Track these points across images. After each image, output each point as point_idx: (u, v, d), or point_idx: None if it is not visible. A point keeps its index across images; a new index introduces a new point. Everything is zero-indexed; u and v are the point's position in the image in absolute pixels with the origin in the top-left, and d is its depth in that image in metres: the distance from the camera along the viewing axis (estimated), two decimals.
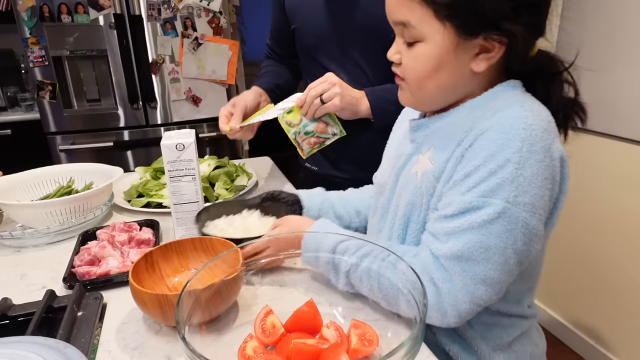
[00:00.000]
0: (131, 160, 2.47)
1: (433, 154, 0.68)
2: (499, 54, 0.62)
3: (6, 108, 2.67)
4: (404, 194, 0.72)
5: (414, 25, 0.62)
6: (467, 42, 0.61)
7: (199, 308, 0.57)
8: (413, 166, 0.72)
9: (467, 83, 0.66)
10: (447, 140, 0.66)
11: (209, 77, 2.42)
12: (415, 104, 0.73)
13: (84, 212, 1.00)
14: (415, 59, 0.65)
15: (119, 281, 0.78)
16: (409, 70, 0.67)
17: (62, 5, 2.16)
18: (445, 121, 0.69)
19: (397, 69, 0.70)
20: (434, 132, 0.71)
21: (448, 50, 0.62)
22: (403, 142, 0.79)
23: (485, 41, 0.61)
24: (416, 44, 0.64)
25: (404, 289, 0.57)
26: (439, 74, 0.64)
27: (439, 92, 0.67)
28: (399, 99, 0.74)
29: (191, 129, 0.96)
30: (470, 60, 0.63)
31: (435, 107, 0.72)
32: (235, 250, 0.66)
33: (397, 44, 0.68)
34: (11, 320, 0.67)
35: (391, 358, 0.43)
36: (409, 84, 0.68)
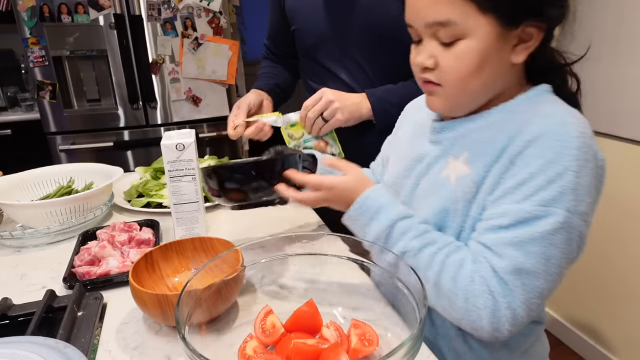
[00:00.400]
0: (131, 160, 2.47)
1: (469, 157, 0.66)
2: (537, 43, 0.61)
3: (6, 108, 2.67)
4: (432, 199, 0.69)
5: (456, 22, 0.60)
6: (508, 33, 0.60)
7: (199, 308, 0.57)
8: (442, 170, 0.69)
9: (506, 77, 0.65)
10: (486, 144, 0.64)
11: (209, 77, 2.42)
12: (451, 109, 0.70)
13: (84, 212, 1.00)
14: (457, 57, 0.62)
15: (119, 281, 0.78)
16: (449, 72, 0.63)
17: (62, 5, 2.16)
18: (478, 123, 0.67)
19: (430, 74, 0.66)
20: (466, 135, 0.68)
21: (492, 44, 0.60)
22: (419, 143, 0.76)
23: (523, 31, 0.60)
24: (456, 42, 0.61)
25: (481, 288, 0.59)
26: (483, 71, 0.62)
27: (482, 90, 0.65)
28: (429, 105, 0.71)
29: (191, 129, 0.96)
30: (510, 52, 0.62)
31: (472, 109, 0.69)
32: (235, 250, 0.66)
33: (428, 48, 0.64)
34: (11, 320, 0.67)
35: (391, 358, 0.43)
36: (447, 87, 0.65)
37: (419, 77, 0.69)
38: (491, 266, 0.60)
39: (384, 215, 0.68)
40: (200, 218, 0.93)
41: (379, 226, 0.68)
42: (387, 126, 0.96)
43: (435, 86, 0.67)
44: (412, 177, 0.75)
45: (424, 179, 0.73)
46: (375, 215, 0.68)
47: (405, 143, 0.83)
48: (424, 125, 0.78)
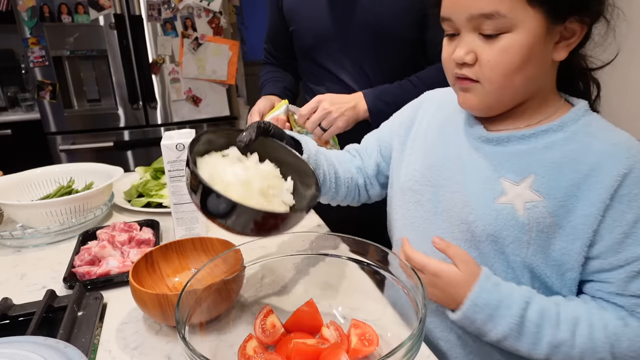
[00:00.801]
0: (131, 160, 2.47)
1: (537, 184, 0.62)
2: (579, 40, 0.60)
3: (6, 108, 2.67)
4: (489, 225, 0.65)
5: (504, 14, 0.57)
6: (553, 28, 0.59)
7: (199, 308, 0.57)
8: (500, 196, 0.65)
9: (546, 75, 0.64)
10: (557, 172, 0.62)
11: (209, 77, 2.42)
12: (488, 107, 0.66)
13: (84, 212, 1.00)
14: (502, 51, 0.59)
15: (119, 281, 0.78)
16: (492, 67, 0.61)
17: (62, 5, 2.16)
18: (537, 143, 0.64)
19: (467, 70, 0.63)
20: (524, 154, 0.65)
21: (539, 38, 0.58)
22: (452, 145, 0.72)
23: (565, 28, 0.59)
24: (501, 36, 0.59)
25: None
26: (528, 66, 0.60)
27: (524, 86, 0.63)
28: (461, 103, 0.68)
29: (191, 129, 0.96)
30: (553, 49, 0.61)
31: (509, 107, 0.66)
32: (235, 250, 0.66)
33: (468, 42, 0.61)
34: (11, 320, 0.67)
35: (391, 358, 0.43)
36: (487, 84, 0.62)
37: (453, 73, 0.66)
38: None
39: (507, 311, 0.60)
40: (200, 218, 0.93)
41: (505, 324, 0.61)
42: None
43: (472, 83, 0.64)
44: (445, 185, 0.71)
45: (467, 195, 0.68)
46: (496, 312, 0.61)
47: (430, 142, 0.77)
48: (457, 123, 0.74)
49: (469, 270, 0.63)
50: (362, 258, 0.66)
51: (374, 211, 0.97)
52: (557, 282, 0.65)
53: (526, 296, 0.61)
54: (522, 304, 0.61)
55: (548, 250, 0.63)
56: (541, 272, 0.65)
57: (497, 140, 0.67)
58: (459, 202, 0.69)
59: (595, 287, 0.63)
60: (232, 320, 0.66)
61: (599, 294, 0.63)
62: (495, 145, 0.67)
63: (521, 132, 0.66)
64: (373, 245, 0.64)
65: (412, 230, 0.78)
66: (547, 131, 0.64)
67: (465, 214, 0.68)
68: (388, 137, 0.87)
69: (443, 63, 0.68)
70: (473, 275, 0.62)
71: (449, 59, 0.66)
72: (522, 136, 0.65)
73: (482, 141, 0.69)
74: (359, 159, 0.89)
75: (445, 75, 0.69)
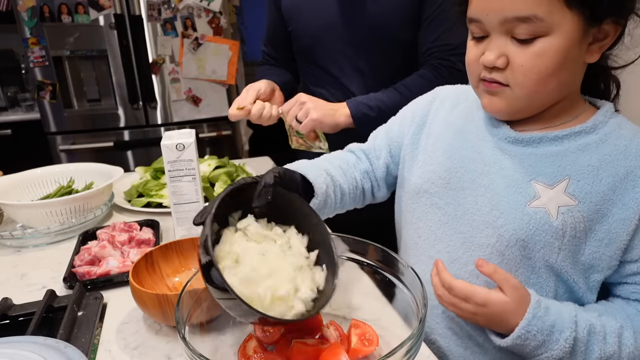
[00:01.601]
0: (131, 160, 2.47)
1: (572, 187, 0.61)
2: (611, 41, 0.58)
3: (6, 108, 2.67)
4: (521, 230, 0.63)
5: (542, 17, 0.55)
6: (589, 30, 0.57)
7: (199, 308, 0.57)
8: (532, 200, 0.62)
9: (578, 77, 0.62)
10: (592, 175, 0.61)
11: (209, 77, 2.42)
12: (516, 112, 0.64)
13: (84, 212, 1.00)
14: (537, 56, 0.57)
15: (119, 281, 0.78)
16: (526, 72, 0.58)
17: (62, 5, 2.16)
18: (570, 144, 0.62)
19: (497, 74, 0.61)
20: (557, 156, 0.63)
21: (576, 42, 0.57)
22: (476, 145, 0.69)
23: (599, 30, 0.57)
24: (536, 40, 0.57)
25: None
26: (562, 70, 0.58)
27: (558, 90, 0.61)
28: (486, 106, 0.65)
29: (191, 129, 0.96)
30: (586, 51, 0.59)
31: (539, 110, 0.64)
32: None
33: (499, 46, 0.59)
34: (11, 320, 0.67)
35: (391, 358, 0.43)
36: (519, 88, 0.60)
37: (479, 77, 0.64)
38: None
39: (560, 335, 0.59)
40: None
41: (558, 349, 0.59)
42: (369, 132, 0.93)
43: (500, 87, 0.62)
44: (467, 187, 0.69)
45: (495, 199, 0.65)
46: (549, 337, 0.59)
47: (448, 142, 0.73)
48: (477, 123, 0.71)
49: (519, 297, 0.60)
50: (362, 258, 0.66)
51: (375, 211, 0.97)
52: (583, 285, 0.64)
53: (573, 315, 0.60)
54: (572, 325, 0.59)
55: (577, 255, 0.62)
56: (568, 277, 0.64)
57: (527, 141, 0.65)
58: (485, 206, 0.66)
59: (631, 289, 0.63)
60: (232, 320, 0.66)
61: (635, 296, 0.63)
62: (525, 146, 0.65)
63: (554, 132, 0.63)
64: (373, 245, 0.64)
65: (429, 234, 0.74)
66: (580, 133, 0.62)
67: (492, 218, 0.65)
68: (397, 134, 0.82)
69: (467, 65, 0.66)
70: (523, 302, 0.60)
71: (475, 62, 0.63)
72: (555, 137, 0.63)
73: (510, 142, 0.66)
74: (366, 161, 0.84)
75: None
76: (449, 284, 0.62)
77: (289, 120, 1.06)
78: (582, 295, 0.65)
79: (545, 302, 0.61)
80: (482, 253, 0.67)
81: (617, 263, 0.62)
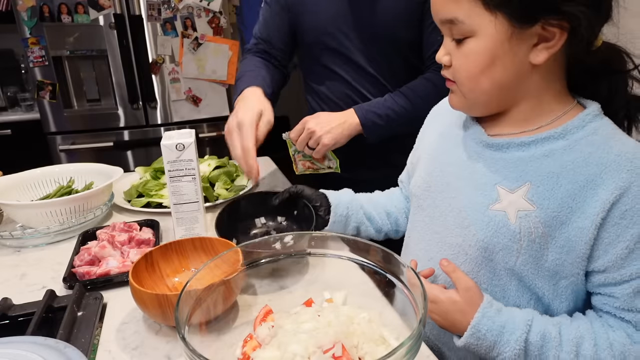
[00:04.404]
0: (131, 160, 2.47)
1: (532, 193, 0.61)
2: (560, 42, 0.57)
3: (6, 108, 2.67)
4: (476, 229, 0.65)
5: (462, 20, 0.59)
6: (523, 31, 0.57)
7: (199, 308, 0.57)
8: (493, 202, 0.64)
9: (527, 78, 0.62)
10: (553, 181, 0.61)
11: (209, 77, 2.42)
12: (468, 107, 0.68)
13: (84, 212, 1.00)
14: (466, 56, 0.61)
15: (119, 281, 0.78)
16: (460, 70, 0.63)
17: (62, 5, 2.16)
18: (536, 151, 0.63)
19: (447, 72, 0.66)
20: (521, 162, 0.64)
21: (502, 42, 0.58)
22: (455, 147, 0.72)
23: (544, 29, 0.57)
24: (465, 40, 0.60)
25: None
26: (493, 69, 0.60)
27: (495, 90, 0.63)
28: (449, 103, 0.70)
29: (191, 129, 0.96)
30: (529, 52, 0.59)
31: (492, 109, 0.67)
32: (235, 250, 0.66)
33: (445, 45, 0.64)
34: (11, 320, 0.67)
35: (391, 358, 0.43)
36: (461, 85, 0.64)
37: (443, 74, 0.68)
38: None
39: (511, 336, 0.60)
40: (200, 218, 0.93)
41: (509, 351, 0.60)
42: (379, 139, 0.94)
43: (453, 84, 0.66)
44: (444, 190, 0.72)
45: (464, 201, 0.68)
46: (500, 338, 0.61)
47: (433, 149, 0.78)
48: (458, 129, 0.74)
49: (469, 298, 0.63)
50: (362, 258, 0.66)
51: None
52: (549, 292, 0.64)
53: (528, 319, 0.61)
54: (524, 328, 0.60)
55: (541, 261, 0.62)
56: (531, 282, 0.64)
57: (496, 146, 0.67)
58: (456, 207, 0.69)
59: (603, 300, 0.63)
60: (232, 320, 0.66)
61: (606, 308, 0.62)
62: (495, 151, 0.67)
63: (520, 138, 0.64)
64: (373, 246, 0.64)
65: (415, 235, 0.80)
66: (548, 139, 0.63)
67: (460, 219, 0.68)
68: (411, 159, 0.89)
69: None
70: (473, 303, 0.62)
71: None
72: (522, 143, 0.64)
73: (483, 146, 0.68)
74: (405, 189, 0.93)
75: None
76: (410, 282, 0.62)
77: (299, 148, 1.07)
78: (550, 302, 0.65)
79: (497, 305, 0.63)
80: (451, 252, 0.69)
81: (581, 271, 0.62)
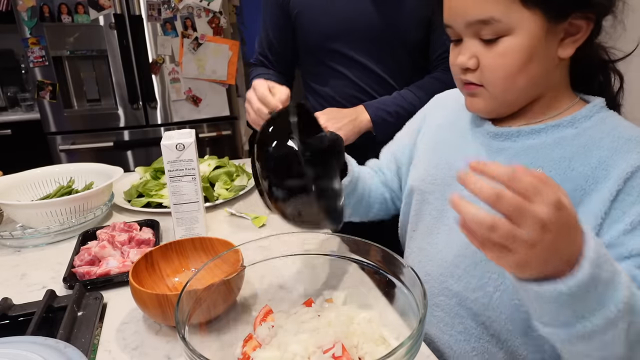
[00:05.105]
0: (131, 160, 2.47)
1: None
2: (586, 35, 0.59)
3: (6, 108, 2.67)
4: None
5: (499, 19, 0.57)
6: (555, 26, 0.58)
7: (199, 308, 0.57)
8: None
9: (553, 73, 0.63)
10: (565, 165, 0.60)
11: (209, 77, 2.42)
12: (494, 110, 0.67)
13: (84, 212, 1.00)
14: (501, 55, 0.60)
15: (119, 281, 0.78)
16: (495, 71, 0.61)
17: (62, 5, 2.16)
18: (547, 137, 0.63)
19: (471, 76, 0.64)
20: (533, 148, 0.64)
21: (539, 39, 0.58)
22: (463, 144, 0.72)
23: (570, 24, 0.58)
24: (500, 39, 0.59)
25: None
26: (530, 66, 0.60)
27: (530, 87, 0.62)
28: (469, 107, 0.68)
29: (191, 129, 0.96)
30: (557, 47, 0.60)
31: (517, 107, 0.66)
32: (235, 250, 0.66)
33: (469, 48, 0.62)
34: (11, 320, 0.67)
35: (391, 358, 0.43)
36: (493, 87, 0.63)
37: (459, 79, 0.66)
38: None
39: (620, 292, 0.46)
40: (200, 218, 0.93)
41: (622, 292, 0.46)
42: (387, 136, 0.94)
43: (478, 87, 0.64)
44: (452, 183, 0.70)
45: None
46: (615, 274, 0.46)
47: (437, 141, 0.77)
48: (464, 121, 0.74)
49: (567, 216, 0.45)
50: (362, 258, 0.66)
51: None
52: None
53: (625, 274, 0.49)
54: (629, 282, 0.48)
55: None
56: None
57: (506, 135, 0.66)
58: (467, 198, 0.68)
59: None
60: (232, 320, 0.66)
61: None
62: (504, 140, 0.67)
63: (530, 127, 0.65)
64: (373, 246, 0.64)
65: (422, 227, 0.78)
66: (558, 126, 0.63)
67: None
68: (401, 148, 0.87)
69: (451, 68, 0.68)
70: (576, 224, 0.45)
71: (454, 65, 0.66)
72: (532, 131, 0.64)
73: (491, 137, 0.68)
74: (382, 174, 0.90)
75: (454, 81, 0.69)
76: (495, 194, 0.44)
77: None
78: None
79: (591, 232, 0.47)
80: (464, 244, 0.68)
81: None
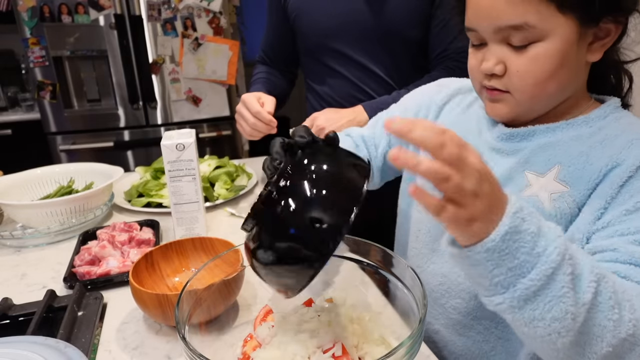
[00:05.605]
0: (131, 160, 2.47)
1: (563, 174, 0.60)
2: (614, 39, 0.58)
3: (6, 108, 2.67)
4: None
5: (533, 24, 0.55)
6: (587, 31, 0.57)
7: (199, 308, 0.57)
8: (524, 189, 0.62)
9: (580, 78, 0.62)
10: (582, 160, 0.59)
11: (209, 77, 2.42)
12: (518, 115, 0.64)
13: (84, 212, 1.00)
14: (533, 61, 0.57)
15: (119, 281, 0.78)
16: (522, 77, 0.59)
17: (63, 5, 2.16)
18: (562, 135, 0.62)
19: (496, 82, 0.61)
20: (549, 146, 0.62)
21: (572, 44, 0.56)
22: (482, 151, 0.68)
23: (599, 28, 0.57)
24: (531, 45, 0.57)
25: None
26: (560, 72, 0.58)
27: (558, 92, 0.61)
28: (490, 112, 0.66)
29: (191, 129, 0.96)
30: (586, 51, 0.59)
31: (542, 112, 0.64)
32: (235, 250, 0.66)
33: (495, 53, 0.60)
34: (11, 320, 0.67)
35: (391, 358, 0.43)
36: (519, 94, 0.61)
37: (480, 84, 0.64)
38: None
39: (550, 244, 0.45)
40: (200, 218, 0.93)
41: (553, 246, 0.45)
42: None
43: (502, 94, 0.62)
44: None
45: None
46: (540, 228, 0.45)
47: None
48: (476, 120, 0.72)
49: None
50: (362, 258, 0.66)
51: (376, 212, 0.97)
52: None
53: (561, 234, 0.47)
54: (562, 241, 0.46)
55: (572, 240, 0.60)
56: None
57: (521, 135, 0.65)
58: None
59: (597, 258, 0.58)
60: (232, 320, 0.67)
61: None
62: (518, 142, 0.65)
63: (546, 125, 0.64)
64: (373, 246, 0.64)
65: (429, 225, 0.75)
66: (573, 125, 0.63)
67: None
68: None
69: (469, 72, 0.66)
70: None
71: (476, 70, 0.63)
72: (547, 129, 0.64)
73: (503, 139, 0.67)
74: (364, 149, 0.84)
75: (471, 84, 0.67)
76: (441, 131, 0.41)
77: None
78: None
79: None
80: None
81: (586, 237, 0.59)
